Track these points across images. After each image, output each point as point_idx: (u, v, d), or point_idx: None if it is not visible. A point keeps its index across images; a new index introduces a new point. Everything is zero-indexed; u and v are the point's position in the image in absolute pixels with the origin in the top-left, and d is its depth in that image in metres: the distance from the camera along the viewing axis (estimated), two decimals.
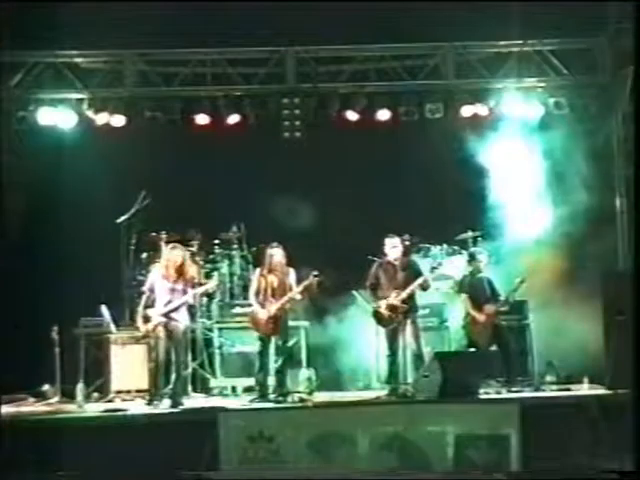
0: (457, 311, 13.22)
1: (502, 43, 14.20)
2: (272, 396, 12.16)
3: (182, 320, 12.01)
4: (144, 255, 13.76)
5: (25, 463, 10.66)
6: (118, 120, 14.13)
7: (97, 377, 13.13)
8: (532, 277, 13.02)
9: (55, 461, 10.63)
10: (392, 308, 12.32)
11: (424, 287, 12.48)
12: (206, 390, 13.43)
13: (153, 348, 11.97)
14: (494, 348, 12.72)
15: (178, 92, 14.26)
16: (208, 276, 13.71)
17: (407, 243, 13.60)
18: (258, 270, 12.53)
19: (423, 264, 12.97)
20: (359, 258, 13.03)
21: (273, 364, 12.38)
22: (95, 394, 12.99)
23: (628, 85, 13.90)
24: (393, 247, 12.51)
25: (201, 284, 12.54)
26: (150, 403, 11.90)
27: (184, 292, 11.98)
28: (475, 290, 12.78)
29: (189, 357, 13.32)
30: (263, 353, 12.30)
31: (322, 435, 10.62)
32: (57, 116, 14.02)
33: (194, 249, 14.12)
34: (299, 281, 12.26)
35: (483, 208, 14.30)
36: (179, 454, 10.52)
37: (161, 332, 11.85)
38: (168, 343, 11.87)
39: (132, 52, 14.08)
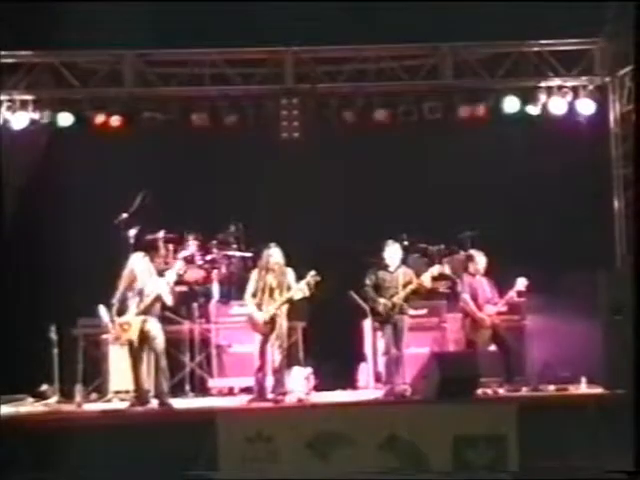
0: (456, 311, 13.23)
1: (500, 43, 14.20)
2: (270, 396, 12.18)
3: (156, 319, 12.01)
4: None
5: (24, 463, 10.67)
6: (116, 120, 14.13)
7: (95, 377, 13.14)
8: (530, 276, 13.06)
9: (54, 461, 10.63)
10: (389, 309, 12.34)
11: (421, 288, 12.50)
12: (204, 390, 13.43)
13: (133, 351, 11.97)
14: (492, 348, 12.75)
15: (177, 92, 14.25)
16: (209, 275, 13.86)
17: (405, 243, 13.62)
18: (256, 270, 12.53)
19: (421, 264, 12.96)
20: (357, 258, 13.03)
21: (271, 364, 12.38)
22: (94, 394, 13.01)
23: (627, 85, 13.93)
24: (390, 248, 12.54)
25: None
26: (136, 404, 11.92)
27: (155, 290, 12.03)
28: (475, 291, 12.78)
29: (187, 357, 13.35)
30: (261, 353, 12.31)
31: (320, 435, 10.62)
32: (55, 116, 14.01)
33: (193, 250, 14.17)
34: (297, 281, 12.27)
35: (482, 208, 14.32)
36: (178, 454, 10.54)
37: (139, 334, 11.87)
38: (146, 344, 11.89)
39: (131, 52, 14.07)
